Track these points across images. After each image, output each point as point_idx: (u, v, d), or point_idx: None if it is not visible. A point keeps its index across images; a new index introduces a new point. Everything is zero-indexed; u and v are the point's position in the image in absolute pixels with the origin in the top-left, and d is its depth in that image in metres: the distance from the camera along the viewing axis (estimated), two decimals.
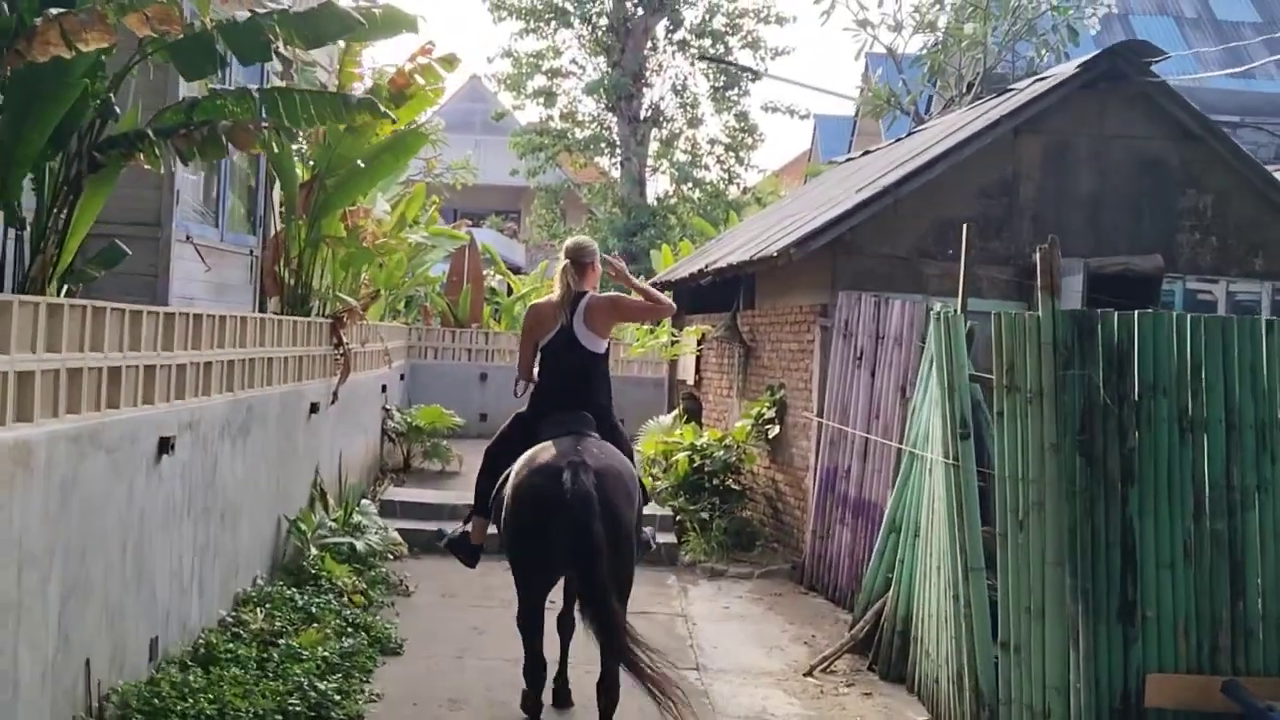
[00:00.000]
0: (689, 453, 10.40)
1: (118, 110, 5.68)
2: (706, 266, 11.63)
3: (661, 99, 28.76)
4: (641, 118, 28.50)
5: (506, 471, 5.77)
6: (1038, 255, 5.53)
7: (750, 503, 10.66)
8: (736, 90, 28.73)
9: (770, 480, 10.66)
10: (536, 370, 6.12)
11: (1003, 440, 5.65)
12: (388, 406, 11.99)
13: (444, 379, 16.33)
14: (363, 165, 8.43)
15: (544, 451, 5.50)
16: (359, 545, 8.30)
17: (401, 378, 14.71)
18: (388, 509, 10.09)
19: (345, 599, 7.42)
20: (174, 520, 5.58)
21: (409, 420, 12.00)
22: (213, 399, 6.21)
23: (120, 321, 4.97)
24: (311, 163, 8.76)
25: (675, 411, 12.08)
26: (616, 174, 29.36)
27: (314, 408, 8.40)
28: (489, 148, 36.97)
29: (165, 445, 5.29)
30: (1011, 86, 12.08)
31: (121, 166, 5.56)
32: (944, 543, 6.40)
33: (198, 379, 5.97)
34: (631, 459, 6.04)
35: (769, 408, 10.39)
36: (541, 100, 29.28)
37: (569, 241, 6.23)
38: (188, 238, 7.10)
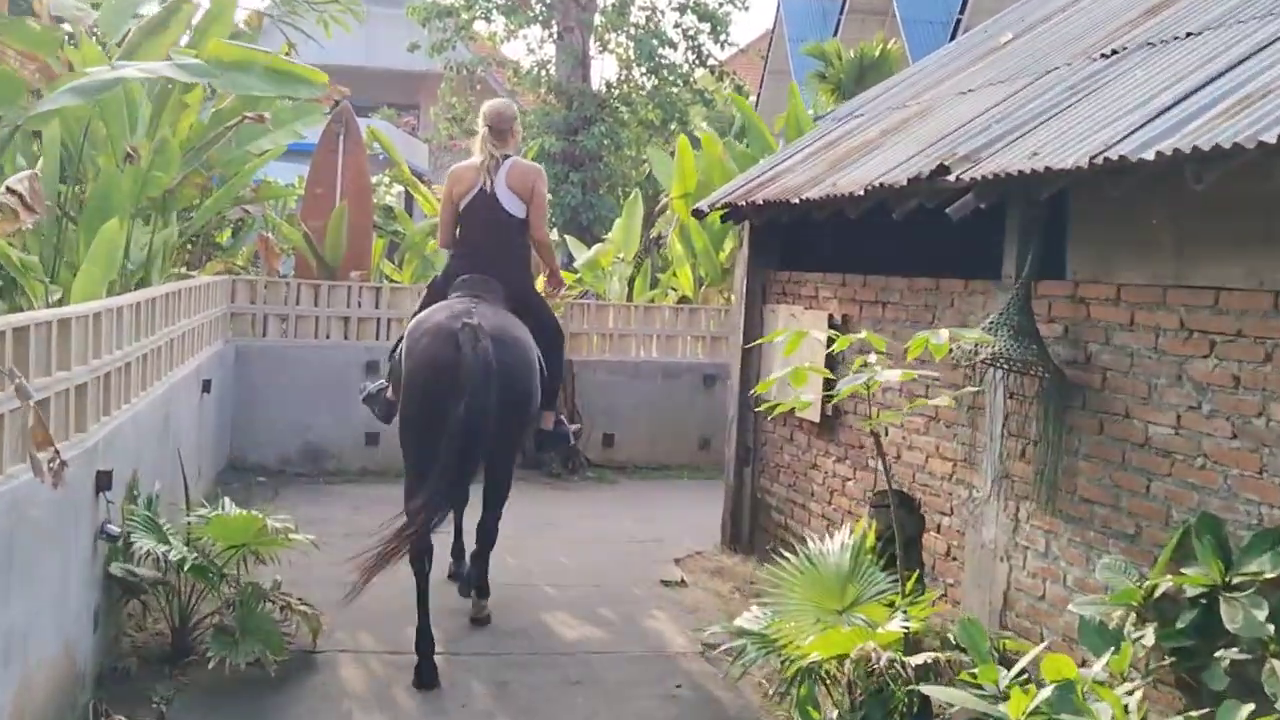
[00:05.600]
0: None
1: None
2: (961, 174, 4.49)
3: None
4: None
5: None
6: None
7: None
8: None
9: None
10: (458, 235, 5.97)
11: None
12: (110, 526, 4.60)
13: (299, 373, 9.01)
14: None
15: (436, 312, 5.35)
16: None
17: (205, 389, 7.36)
18: None
19: None
20: None
21: (182, 550, 4.70)
22: None
23: None
24: None
25: (854, 533, 4.86)
26: (550, 52, 21.76)
27: None
28: (379, 23, 29.01)
29: None
30: None
31: None
32: None
33: None
34: (559, 338, 6.02)
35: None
36: None
37: (486, 106, 5.98)
38: None
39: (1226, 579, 3.58)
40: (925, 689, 3.71)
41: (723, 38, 21.75)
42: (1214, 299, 3.80)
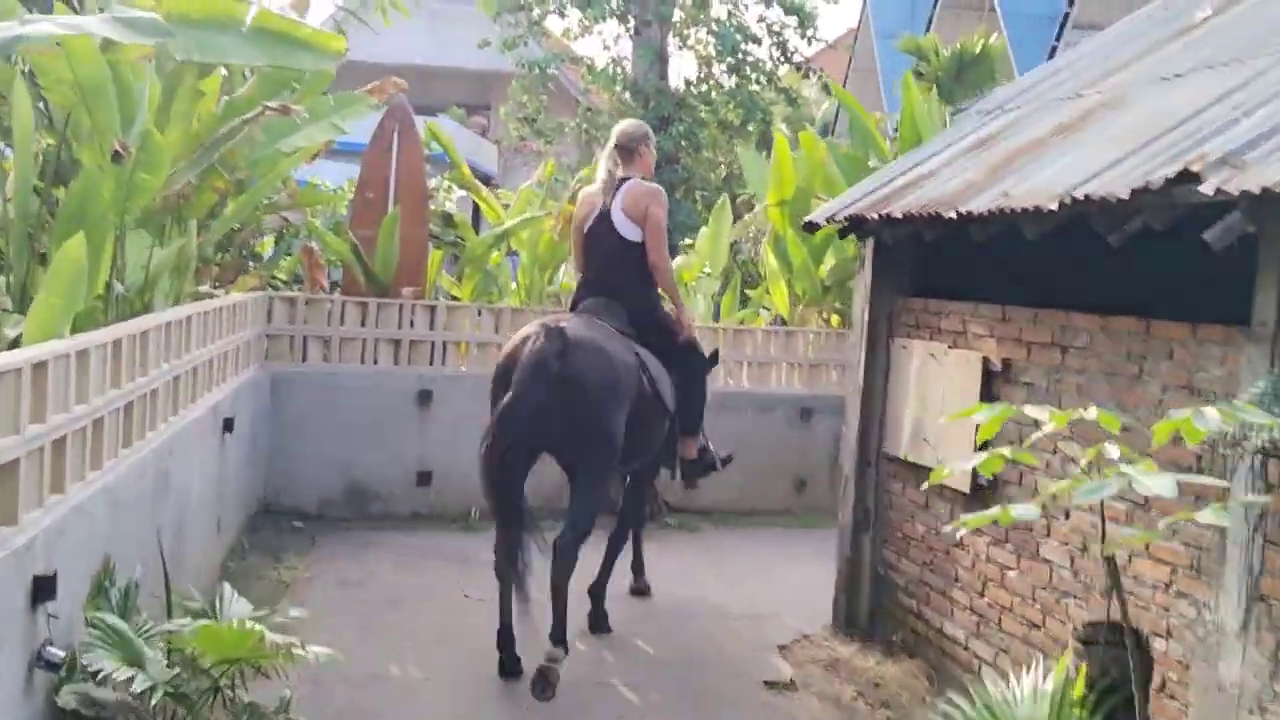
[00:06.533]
0: None
1: None
2: (1223, 184, 3.23)
3: None
4: None
5: None
6: None
7: None
8: None
9: None
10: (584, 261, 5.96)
11: None
12: (51, 650, 3.54)
13: (343, 403, 7.91)
14: None
15: (532, 324, 5.29)
16: None
17: (227, 428, 6.27)
18: None
19: None
20: None
21: (154, 675, 3.60)
22: None
23: None
24: None
25: (1053, 675, 3.64)
26: (626, 49, 20.56)
27: None
28: (448, 21, 28.18)
29: None
30: None
31: None
32: None
33: None
34: (697, 360, 5.92)
35: None
36: None
37: (618, 125, 6.03)
38: None
39: None
40: None
41: (809, 33, 20.48)
42: None
